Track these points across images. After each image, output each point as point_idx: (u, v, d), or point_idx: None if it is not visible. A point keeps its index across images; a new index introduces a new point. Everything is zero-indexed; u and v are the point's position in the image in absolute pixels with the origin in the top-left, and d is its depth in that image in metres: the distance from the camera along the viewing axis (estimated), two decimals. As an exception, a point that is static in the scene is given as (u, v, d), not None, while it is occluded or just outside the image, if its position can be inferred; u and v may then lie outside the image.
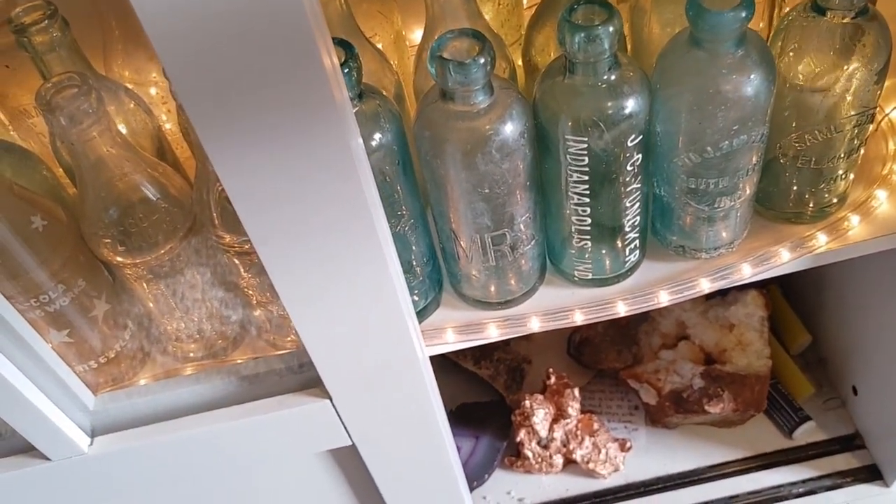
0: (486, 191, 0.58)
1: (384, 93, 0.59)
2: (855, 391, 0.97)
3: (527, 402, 0.95)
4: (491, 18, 0.72)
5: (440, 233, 0.66)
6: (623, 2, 0.71)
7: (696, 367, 0.95)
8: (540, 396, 0.97)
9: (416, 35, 0.76)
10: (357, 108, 0.56)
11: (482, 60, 0.53)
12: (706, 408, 0.92)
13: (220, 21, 0.38)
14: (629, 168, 0.60)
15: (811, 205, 0.69)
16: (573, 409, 0.95)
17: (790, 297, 1.05)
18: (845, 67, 0.59)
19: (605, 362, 1.02)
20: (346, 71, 0.53)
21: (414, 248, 0.65)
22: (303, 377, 0.65)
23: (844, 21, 0.58)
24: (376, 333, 0.57)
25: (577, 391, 0.96)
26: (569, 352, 1.06)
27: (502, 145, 0.56)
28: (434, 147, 0.57)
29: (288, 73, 0.41)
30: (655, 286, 0.68)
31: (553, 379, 0.97)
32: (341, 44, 0.54)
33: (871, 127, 0.65)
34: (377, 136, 0.57)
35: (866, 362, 0.94)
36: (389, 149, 0.58)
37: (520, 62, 0.71)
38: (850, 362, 0.97)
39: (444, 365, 1.05)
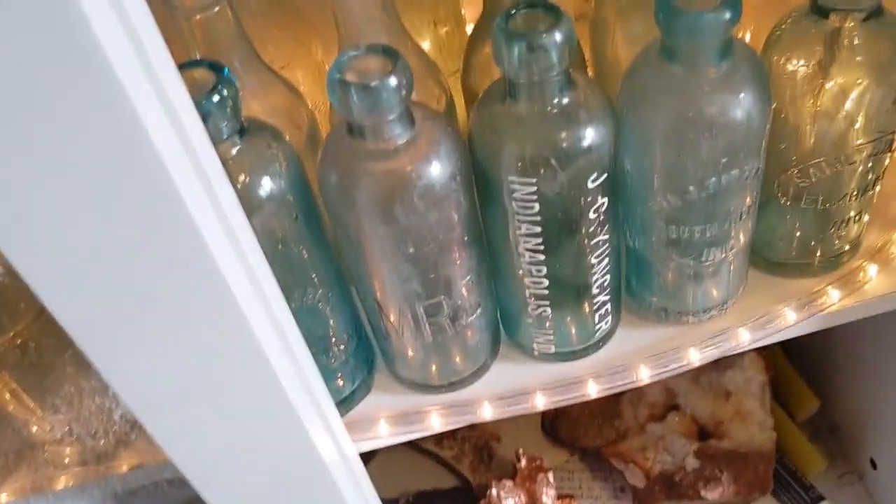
0: (412, 250, 0.46)
1: (279, 130, 0.47)
2: (874, 464, 0.84)
3: (493, 491, 0.82)
4: (426, 45, 0.61)
5: (363, 303, 0.53)
6: (582, 17, 0.60)
7: (690, 443, 0.82)
8: (509, 483, 0.83)
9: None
10: (236, 149, 0.43)
11: (394, 82, 0.41)
12: (702, 493, 0.78)
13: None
14: (592, 216, 0.47)
15: (819, 253, 0.57)
16: (548, 496, 0.82)
17: (793, 356, 0.93)
18: (856, 82, 0.48)
19: (584, 439, 0.88)
20: (215, 100, 0.41)
21: (331, 322, 0.52)
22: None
23: (852, 25, 0.46)
24: (265, 439, 0.44)
25: (551, 476, 0.82)
26: (543, 426, 0.93)
27: (427, 191, 0.44)
28: (342, 196, 0.45)
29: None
30: (633, 359, 0.56)
31: (524, 462, 0.84)
32: (211, 66, 0.42)
33: (889, 157, 0.53)
34: (266, 184, 0.44)
35: (886, 430, 0.81)
36: (284, 201, 0.45)
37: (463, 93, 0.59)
38: (867, 431, 0.84)
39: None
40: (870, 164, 0.51)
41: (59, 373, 0.53)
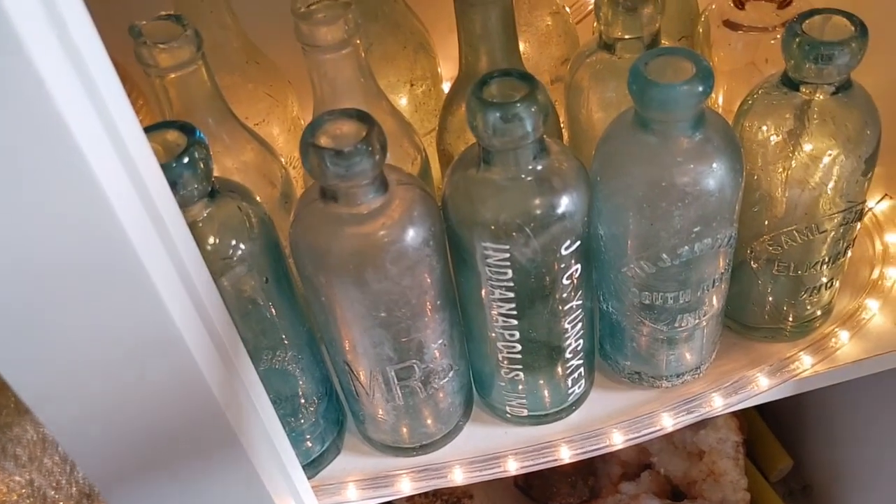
0: (384, 314, 0.45)
1: (250, 191, 0.46)
2: (846, 525, 0.83)
3: (465, 550, 0.80)
4: (403, 106, 0.61)
5: (334, 364, 0.52)
6: (557, 81, 0.60)
7: (663, 502, 0.81)
8: (481, 542, 0.81)
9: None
10: (207, 211, 0.43)
11: (369, 148, 0.41)
12: (676, 554, 0.77)
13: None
14: (566, 281, 0.47)
15: (791, 319, 0.57)
16: (520, 557, 0.80)
17: (767, 414, 0.92)
18: (826, 153, 0.48)
19: (557, 497, 0.87)
20: (185, 161, 0.41)
21: (301, 383, 0.51)
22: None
23: (822, 98, 0.47)
24: (225, 500, 0.43)
25: (524, 535, 0.81)
26: (516, 483, 0.91)
27: (400, 256, 0.44)
28: (314, 259, 0.45)
29: None
30: (606, 423, 0.55)
31: (496, 520, 0.82)
32: (182, 128, 0.42)
33: (859, 225, 0.53)
34: (237, 247, 0.44)
35: (858, 491, 0.81)
36: (254, 263, 0.44)
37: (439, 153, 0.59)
38: (839, 490, 0.84)
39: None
40: (841, 232, 0.52)
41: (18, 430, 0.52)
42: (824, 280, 0.54)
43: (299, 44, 0.49)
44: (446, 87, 0.69)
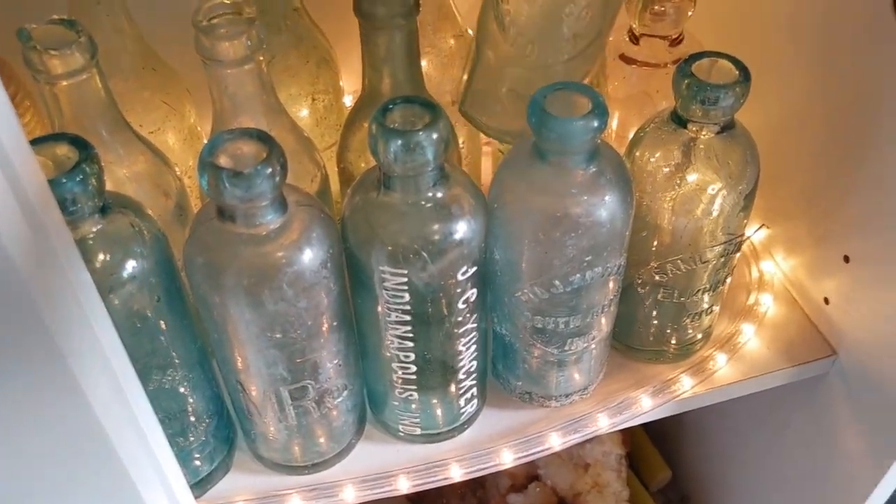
0: (279, 335, 0.45)
1: (143, 207, 0.45)
2: (720, 534, 0.88)
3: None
4: (304, 118, 0.61)
5: (226, 382, 0.51)
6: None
7: (550, 513, 0.83)
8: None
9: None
10: (97, 227, 0.42)
11: (269, 170, 0.40)
12: (561, 564, 0.79)
13: None
14: (461, 305, 0.48)
15: (673, 341, 0.59)
16: (408, 569, 0.81)
17: (647, 426, 0.96)
18: (709, 188, 0.51)
19: (447, 508, 0.88)
20: (78, 178, 0.39)
21: (190, 401, 0.50)
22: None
23: (707, 136, 0.50)
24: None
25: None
26: (407, 495, 0.92)
27: (297, 278, 0.43)
28: (209, 279, 0.44)
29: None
30: (496, 442, 0.56)
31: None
32: (74, 142, 0.40)
33: (738, 255, 0.56)
34: (128, 264, 0.42)
35: (731, 499, 0.85)
36: (146, 281, 0.43)
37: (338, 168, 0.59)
38: (714, 500, 0.88)
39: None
40: (721, 262, 0.55)
41: None
42: (705, 306, 0.57)
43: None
44: (348, 100, 0.69)
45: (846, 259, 0.58)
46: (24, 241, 0.30)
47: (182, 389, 0.49)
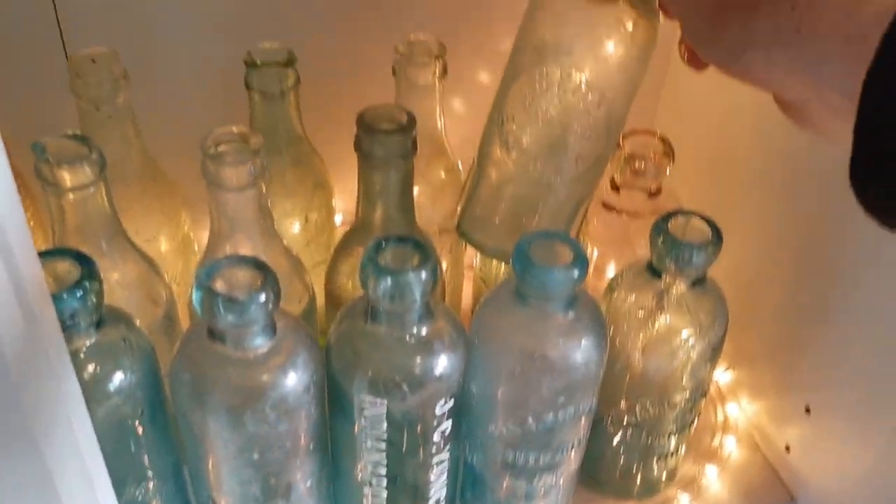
0: (257, 456, 0.46)
1: (134, 321, 0.47)
2: None
3: None
4: (295, 235, 0.63)
5: (197, 496, 0.52)
6: (445, 232, 0.64)
7: None
8: None
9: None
10: (91, 340, 0.43)
11: (262, 297, 0.42)
12: None
13: None
14: (437, 437, 0.49)
15: (639, 480, 0.61)
16: None
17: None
18: (680, 336, 0.53)
19: None
20: (79, 294, 0.41)
21: (160, 514, 0.50)
22: None
23: (680, 288, 0.52)
24: None
25: None
26: None
27: (280, 402, 0.45)
28: (193, 396, 0.45)
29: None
30: (461, 572, 0.56)
31: None
32: (77, 257, 0.42)
33: (705, 401, 0.58)
34: (116, 378, 0.44)
35: None
36: (132, 395, 0.44)
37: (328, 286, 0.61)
38: None
39: None
40: (688, 407, 0.56)
41: None
42: (672, 448, 0.59)
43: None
44: (339, 218, 0.72)
45: (807, 410, 0.60)
46: (21, 349, 0.31)
47: (154, 502, 0.49)
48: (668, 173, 0.58)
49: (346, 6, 0.69)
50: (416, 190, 0.60)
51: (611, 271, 0.64)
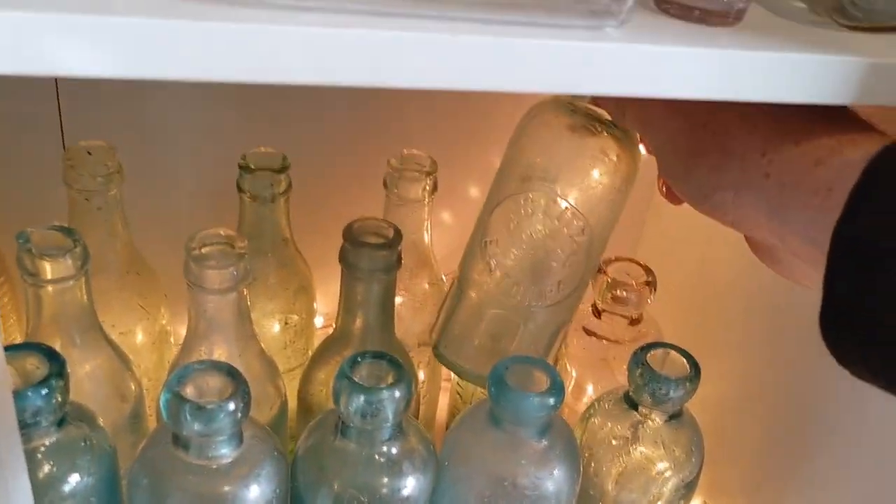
0: (209, 572, 0.44)
1: (98, 420, 0.46)
2: None
3: None
4: (274, 336, 0.62)
5: None
6: (423, 345, 0.64)
7: None
8: None
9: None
10: (50, 439, 0.42)
11: (231, 407, 0.41)
12: None
13: None
14: (398, 560, 0.47)
15: None
16: None
17: None
18: (654, 467, 0.52)
19: None
20: (43, 392, 0.40)
21: None
22: None
23: (656, 421, 0.52)
24: None
25: None
26: None
27: (240, 515, 0.43)
28: (151, 502, 0.43)
29: None
30: None
31: None
32: (48, 354, 0.41)
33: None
34: (72, 479, 0.42)
35: None
36: (87, 499, 0.43)
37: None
38: None
39: None
40: (661, 541, 0.55)
41: None
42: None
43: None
44: (320, 320, 0.71)
45: (782, 553, 0.59)
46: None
47: None
48: (649, 302, 0.58)
49: (345, 118, 0.70)
50: (398, 300, 0.60)
51: (590, 391, 0.64)
